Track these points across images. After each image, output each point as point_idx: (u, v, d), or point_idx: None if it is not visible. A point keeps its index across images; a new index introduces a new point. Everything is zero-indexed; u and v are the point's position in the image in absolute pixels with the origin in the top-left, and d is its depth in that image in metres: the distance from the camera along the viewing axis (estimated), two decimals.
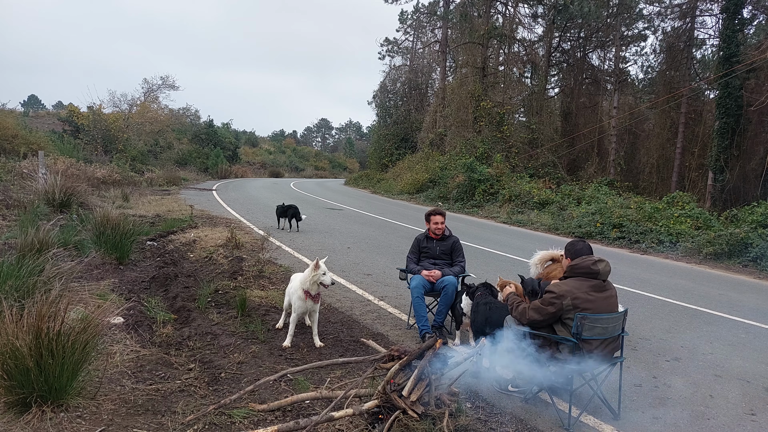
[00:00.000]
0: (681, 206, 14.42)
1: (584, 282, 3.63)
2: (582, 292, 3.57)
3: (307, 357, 4.50)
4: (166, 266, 7.42)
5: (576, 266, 3.72)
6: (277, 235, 11.08)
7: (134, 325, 4.87)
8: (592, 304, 3.55)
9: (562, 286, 3.65)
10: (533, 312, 3.67)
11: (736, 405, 4.07)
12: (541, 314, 3.64)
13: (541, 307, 3.64)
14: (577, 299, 3.54)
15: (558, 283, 3.73)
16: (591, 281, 3.64)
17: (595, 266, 3.65)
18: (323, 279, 4.60)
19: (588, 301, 3.55)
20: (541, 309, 3.64)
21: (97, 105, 32.00)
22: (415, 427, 3.08)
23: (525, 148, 25.44)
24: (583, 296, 3.56)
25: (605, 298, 3.64)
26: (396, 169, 31.73)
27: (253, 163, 50.22)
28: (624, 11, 24.96)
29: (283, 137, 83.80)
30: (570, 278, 3.72)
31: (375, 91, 41.73)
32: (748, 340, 5.79)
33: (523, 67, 28.90)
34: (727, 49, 17.49)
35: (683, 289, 8.25)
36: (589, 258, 3.73)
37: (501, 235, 13.92)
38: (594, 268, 3.65)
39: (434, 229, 5.50)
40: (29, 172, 14.61)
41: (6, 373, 3.07)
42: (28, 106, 68.30)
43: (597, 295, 3.60)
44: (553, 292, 3.63)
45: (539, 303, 3.68)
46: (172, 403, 3.45)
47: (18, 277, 4.65)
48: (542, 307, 3.63)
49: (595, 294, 3.60)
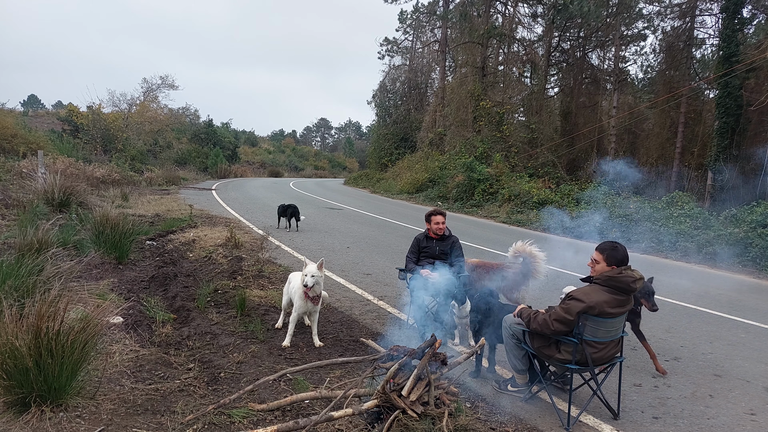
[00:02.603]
0: (680, 206, 14.42)
1: (615, 297, 3.44)
2: (610, 306, 3.42)
3: (306, 357, 4.50)
4: (166, 266, 7.41)
5: (616, 279, 3.45)
6: (277, 234, 11.07)
7: (133, 324, 4.87)
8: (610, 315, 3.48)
9: (592, 296, 3.43)
10: (558, 324, 3.45)
11: (736, 405, 4.06)
12: (568, 326, 3.44)
13: (566, 318, 3.43)
14: (602, 313, 3.42)
15: (588, 291, 3.50)
16: (620, 297, 3.46)
17: (634, 284, 3.45)
18: (306, 279, 4.56)
19: (609, 314, 3.45)
20: (567, 320, 3.43)
21: (97, 105, 32.02)
22: (414, 427, 3.08)
23: (524, 147, 25.43)
24: (609, 311, 3.42)
25: (623, 311, 3.53)
26: (395, 168, 31.73)
27: (252, 163, 50.21)
28: (624, 11, 24.97)
29: (283, 137, 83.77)
30: (602, 288, 3.49)
31: (374, 90, 41.75)
32: (748, 340, 5.78)
33: (522, 66, 28.90)
34: (727, 48, 17.48)
35: (683, 289, 8.25)
36: (631, 275, 3.47)
37: (501, 234, 13.91)
38: (633, 286, 3.44)
39: (435, 229, 5.50)
40: (28, 171, 14.61)
41: (5, 373, 3.06)
42: (27, 105, 68.23)
43: (619, 310, 3.49)
44: (581, 301, 3.41)
45: (563, 313, 3.44)
46: (172, 402, 3.44)
47: (17, 276, 4.64)
48: (567, 318, 3.42)
49: (618, 309, 3.49)
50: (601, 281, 3.51)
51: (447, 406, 3.31)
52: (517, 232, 14.96)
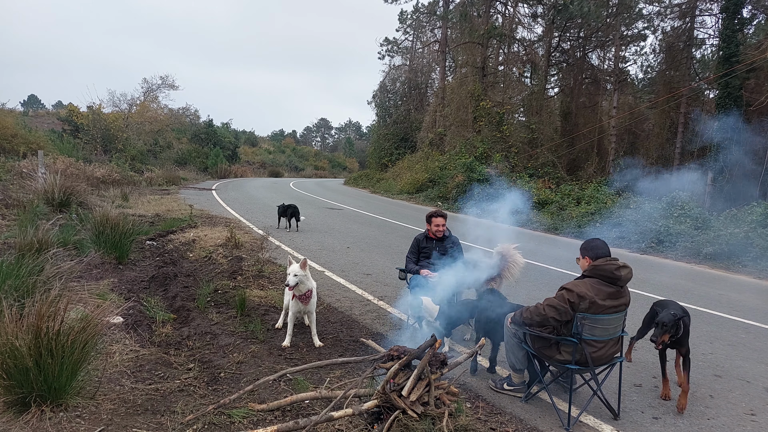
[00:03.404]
0: (681, 206, 14.42)
1: (604, 287, 3.49)
2: (600, 298, 3.44)
3: (306, 357, 4.50)
4: (166, 266, 7.41)
5: (599, 267, 3.54)
6: (277, 234, 11.07)
7: (134, 324, 4.87)
8: (606, 311, 3.48)
9: (581, 287, 3.50)
10: (550, 309, 3.51)
11: (736, 405, 4.07)
12: (558, 312, 3.47)
13: (559, 304, 3.48)
14: (594, 306, 3.43)
15: (577, 283, 3.57)
16: (610, 288, 3.50)
17: (618, 272, 3.49)
18: (288, 279, 4.54)
19: (603, 308, 3.45)
20: (559, 306, 3.48)
21: (97, 105, 32.02)
22: (414, 427, 3.08)
23: (524, 147, 25.44)
24: (600, 303, 3.44)
25: (618, 306, 3.53)
26: (395, 168, 31.73)
27: (252, 163, 50.21)
28: (624, 11, 24.95)
29: (283, 137, 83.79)
30: (589, 279, 3.57)
31: (375, 90, 41.78)
32: (748, 340, 5.78)
33: (522, 66, 28.91)
34: (727, 48, 17.49)
35: (683, 289, 8.25)
36: (613, 262, 3.56)
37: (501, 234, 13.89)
38: (617, 273, 3.49)
39: (435, 231, 5.51)
40: (29, 171, 14.61)
41: (5, 373, 3.06)
42: (27, 105, 68.26)
43: (612, 303, 3.49)
44: (571, 291, 3.49)
45: (555, 300, 3.52)
46: (172, 402, 3.44)
47: (17, 276, 4.64)
48: (561, 304, 3.47)
49: (611, 301, 3.49)
50: (588, 273, 3.62)
51: (447, 407, 3.31)
52: (517, 232, 14.96)
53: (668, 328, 3.84)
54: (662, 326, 3.86)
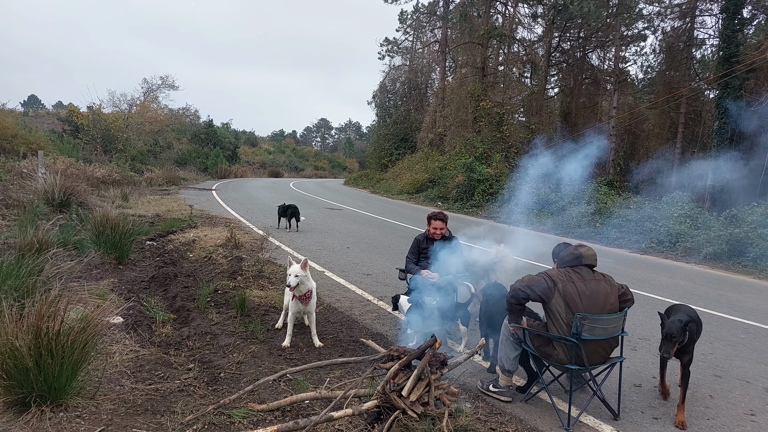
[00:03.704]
0: (681, 206, 14.42)
1: (573, 274, 3.60)
2: (570, 282, 3.54)
3: (306, 357, 4.50)
4: (166, 266, 7.41)
5: (561, 258, 3.79)
6: (277, 234, 11.07)
7: (134, 324, 4.87)
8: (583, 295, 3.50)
9: (552, 271, 3.70)
10: (520, 283, 3.63)
11: (736, 405, 4.07)
12: (530, 287, 3.58)
13: (533, 278, 3.63)
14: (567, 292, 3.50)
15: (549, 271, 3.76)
16: (579, 270, 3.62)
17: (577, 250, 3.70)
18: (289, 279, 4.56)
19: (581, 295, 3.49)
20: (532, 281, 3.61)
21: (97, 105, 32.03)
22: (414, 427, 3.08)
23: (524, 148, 25.44)
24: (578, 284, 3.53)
25: (596, 282, 3.57)
26: (395, 169, 31.73)
27: (252, 163, 50.21)
28: (624, 11, 24.96)
29: (283, 137, 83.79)
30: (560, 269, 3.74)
31: (375, 91, 41.76)
32: (748, 340, 5.79)
33: (522, 67, 28.90)
34: (727, 49, 17.49)
35: (683, 289, 8.25)
36: (569, 246, 3.84)
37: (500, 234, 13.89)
38: (576, 252, 3.69)
39: (433, 233, 5.52)
40: (29, 171, 14.61)
41: (5, 373, 3.06)
42: (27, 105, 68.30)
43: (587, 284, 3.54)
44: (546, 273, 3.67)
45: (534, 275, 3.66)
46: (172, 403, 3.44)
47: (17, 276, 4.64)
48: (534, 278, 3.61)
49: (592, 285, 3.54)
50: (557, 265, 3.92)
51: (447, 407, 3.32)
52: (517, 232, 14.95)
53: (677, 340, 3.74)
54: (671, 338, 3.73)
